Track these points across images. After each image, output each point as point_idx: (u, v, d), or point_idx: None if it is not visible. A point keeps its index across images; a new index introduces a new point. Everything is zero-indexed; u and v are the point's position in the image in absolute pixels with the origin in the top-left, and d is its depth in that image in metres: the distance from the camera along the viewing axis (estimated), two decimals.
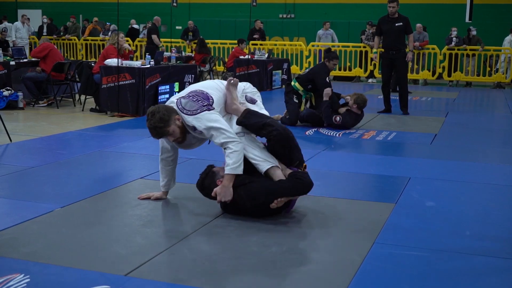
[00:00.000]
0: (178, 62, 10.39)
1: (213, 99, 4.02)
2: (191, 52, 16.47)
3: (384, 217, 4.08)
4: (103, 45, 17.32)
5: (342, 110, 7.96)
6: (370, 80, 16.73)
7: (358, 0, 20.00)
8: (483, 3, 17.88)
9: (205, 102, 3.94)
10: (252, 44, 16.84)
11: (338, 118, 7.83)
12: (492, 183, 5.18)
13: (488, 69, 16.15)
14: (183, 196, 4.54)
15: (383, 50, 9.80)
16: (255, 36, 17.04)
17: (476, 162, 6.06)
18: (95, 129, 7.64)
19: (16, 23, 17.17)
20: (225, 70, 14.81)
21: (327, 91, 7.87)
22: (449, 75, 16.15)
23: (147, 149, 6.36)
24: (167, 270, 3.11)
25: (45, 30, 19.41)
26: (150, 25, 16.10)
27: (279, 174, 3.93)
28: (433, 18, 18.06)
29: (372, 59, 10.59)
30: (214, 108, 3.95)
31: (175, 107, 3.95)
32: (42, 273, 2.99)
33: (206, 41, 15.71)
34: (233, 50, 15.04)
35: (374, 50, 9.95)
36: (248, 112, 4.04)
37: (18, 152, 6.14)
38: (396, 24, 9.41)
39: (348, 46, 16.94)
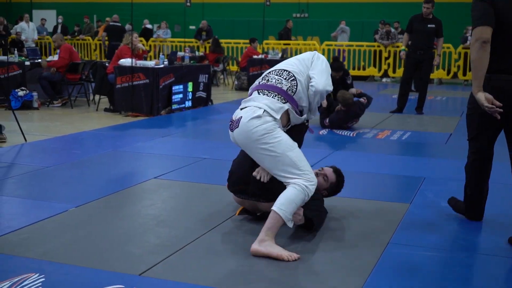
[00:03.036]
0: (191, 62, 10.40)
1: None
2: (205, 51, 16.51)
3: (398, 217, 4.05)
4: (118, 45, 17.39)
5: (338, 108, 7.89)
6: (384, 80, 16.68)
7: None
8: None
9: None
10: (266, 44, 16.84)
11: (326, 120, 7.80)
12: (508, 183, 5.13)
13: None
14: (197, 196, 4.54)
15: (407, 49, 9.70)
16: (289, 34, 17.36)
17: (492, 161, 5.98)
18: (109, 129, 7.67)
19: (21, 23, 17.22)
20: (238, 70, 14.81)
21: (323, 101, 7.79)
22: (464, 74, 16.03)
23: (160, 149, 6.38)
24: (181, 270, 3.11)
25: (59, 30, 19.52)
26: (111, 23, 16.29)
27: None
28: (448, 17, 17.95)
29: (400, 57, 10.51)
30: None
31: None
32: (57, 273, 3.00)
33: (220, 40, 15.72)
34: (246, 49, 15.04)
35: (403, 47, 9.85)
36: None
37: (33, 152, 6.18)
38: (429, 25, 9.32)
39: (362, 46, 16.88)
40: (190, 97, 9.75)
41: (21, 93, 9.33)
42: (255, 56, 13.92)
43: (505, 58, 3.55)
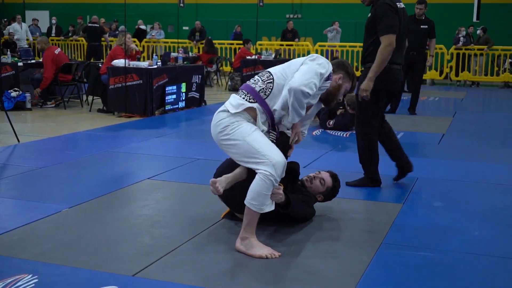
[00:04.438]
0: (185, 62, 10.40)
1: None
2: (198, 52, 16.50)
3: (391, 218, 4.07)
4: (110, 46, 17.37)
5: (339, 111, 7.91)
6: None
7: None
8: (492, 3, 17.82)
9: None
10: (259, 44, 16.85)
11: (331, 122, 7.80)
12: (501, 183, 5.16)
13: (496, 68, 16.09)
14: (190, 197, 4.55)
15: None
16: (288, 35, 17.33)
17: (484, 162, 6.03)
18: (102, 130, 7.66)
19: (13, 24, 17.16)
20: (231, 71, 14.81)
21: None
22: (457, 75, 16.09)
23: (154, 150, 6.38)
24: (175, 271, 3.11)
25: (53, 31, 19.46)
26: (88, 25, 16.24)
27: None
28: (440, 18, 18.04)
29: None
30: None
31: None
32: (50, 274, 3.00)
33: (213, 41, 15.73)
34: (240, 50, 15.05)
35: None
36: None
37: (26, 153, 6.16)
38: (422, 26, 9.36)
39: (355, 46, 16.90)
40: (183, 98, 9.75)
41: (14, 94, 9.30)
42: (248, 57, 13.93)
43: (398, 53, 4.67)
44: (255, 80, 3.58)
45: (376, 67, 4.51)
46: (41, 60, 10.34)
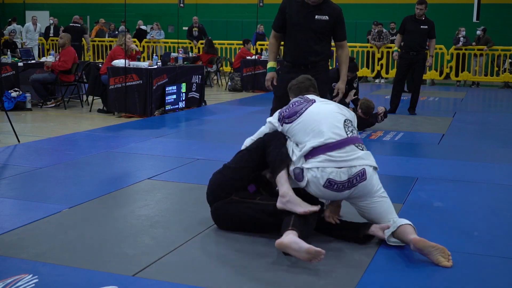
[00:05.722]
0: (185, 63, 10.40)
1: None
2: (198, 52, 16.49)
3: None
4: (111, 46, 17.38)
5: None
6: (377, 81, 16.72)
7: (364, 0, 19.96)
8: (492, 3, 17.82)
9: None
10: (259, 45, 16.85)
11: None
12: (501, 183, 5.16)
13: (496, 69, 16.09)
14: (190, 197, 4.55)
15: (399, 50, 9.73)
16: None
17: (484, 162, 6.03)
18: (102, 130, 7.66)
19: (27, 24, 17.25)
20: (232, 71, 14.82)
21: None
22: (457, 75, 16.09)
23: (154, 150, 6.38)
24: (175, 271, 3.11)
25: (52, 31, 19.46)
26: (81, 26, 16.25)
27: None
28: (440, 18, 18.05)
29: (393, 58, 10.54)
30: None
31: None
32: (50, 274, 3.00)
33: (213, 41, 15.75)
34: (239, 50, 15.06)
35: (396, 48, 9.87)
36: None
37: (26, 153, 6.16)
38: (422, 26, 9.36)
39: (355, 47, 16.91)
40: (183, 98, 9.75)
41: (14, 94, 9.31)
42: (248, 57, 13.94)
43: None
44: (353, 132, 3.67)
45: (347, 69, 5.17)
46: (41, 60, 10.35)
